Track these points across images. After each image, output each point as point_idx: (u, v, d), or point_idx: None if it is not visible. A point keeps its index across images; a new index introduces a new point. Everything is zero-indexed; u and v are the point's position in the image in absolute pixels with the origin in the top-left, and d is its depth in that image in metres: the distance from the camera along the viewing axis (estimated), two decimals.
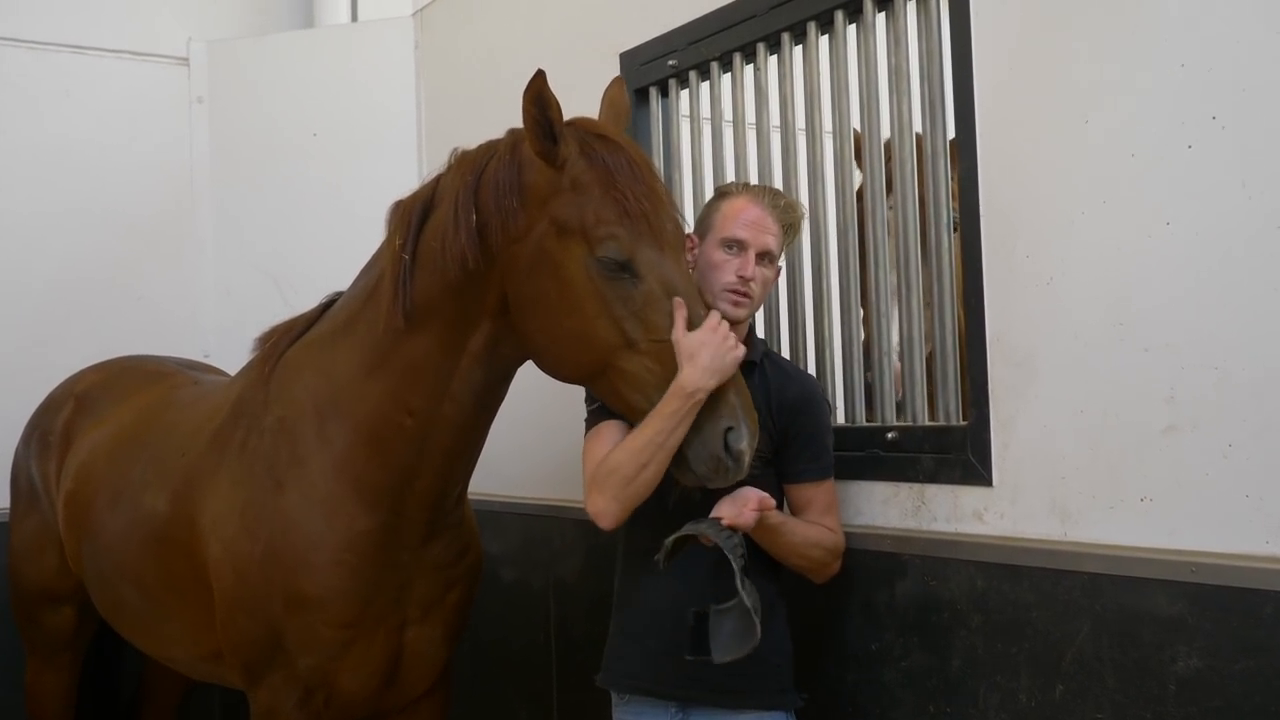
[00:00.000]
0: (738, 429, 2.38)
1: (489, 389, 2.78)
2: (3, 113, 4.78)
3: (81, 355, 4.31)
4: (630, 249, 2.44)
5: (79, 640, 4.04)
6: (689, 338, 2.39)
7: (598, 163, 2.51)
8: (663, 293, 2.44)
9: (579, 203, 2.49)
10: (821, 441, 2.73)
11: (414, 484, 2.83)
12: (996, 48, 2.54)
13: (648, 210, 2.46)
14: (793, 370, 2.85)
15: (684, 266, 2.54)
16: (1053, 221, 2.42)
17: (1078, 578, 2.34)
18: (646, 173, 2.52)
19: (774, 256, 2.72)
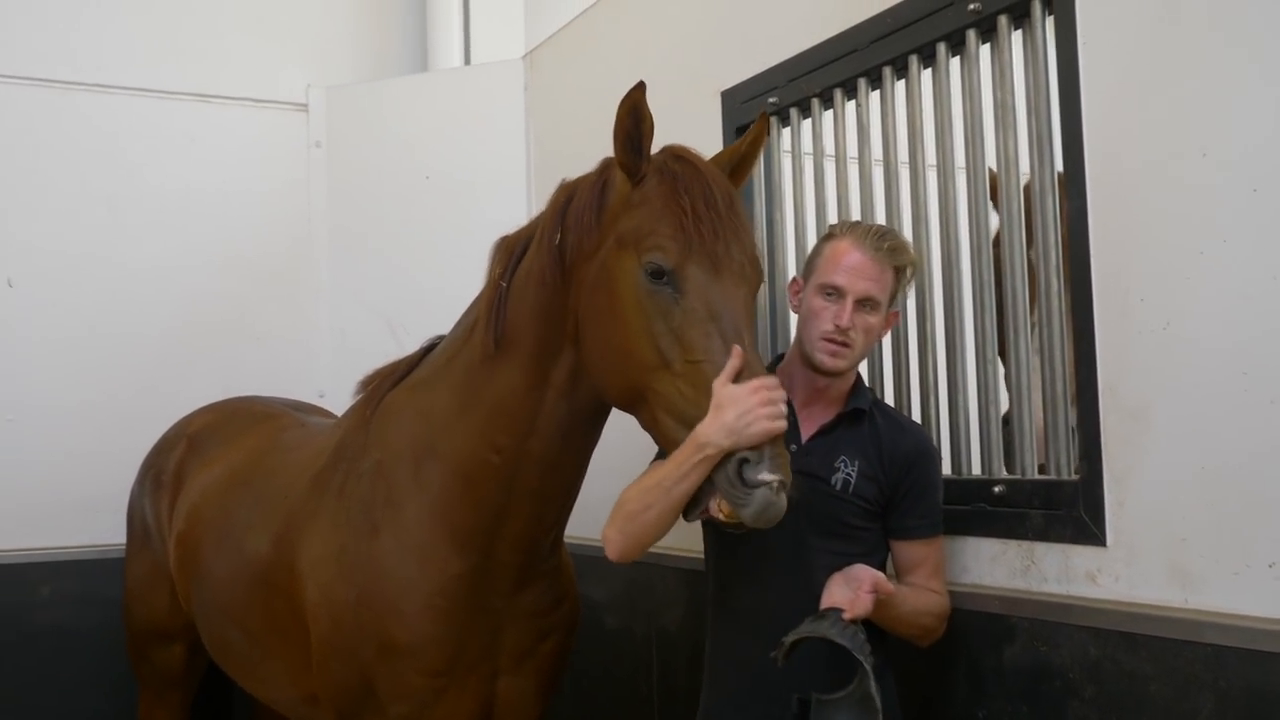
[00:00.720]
0: (756, 462, 2.21)
1: (575, 426, 2.69)
2: (130, 160, 4.93)
3: (200, 396, 4.41)
4: (677, 261, 2.35)
5: (189, 678, 4.10)
6: (727, 389, 2.24)
7: (668, 178, 2.44)
8: (706, 314, 2.33)
9: (641, 214, 2.43)
10: (933, 497, 2.61)
11: (504, 526, 2.77)
12: (1106, 78, 2.39)
13: (705, 228, 2.36)
14: (905, 422, 2.73)
15: (742, 301, 2.39)
16: (1169, 262, 2.25)
17: (1200, 649, 2.15)
18: (719, 195, 2.42)
19: (877, 303, 2.57)
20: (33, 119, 4.75)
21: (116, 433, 4.63)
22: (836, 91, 3.21)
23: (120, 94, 4.93)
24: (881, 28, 3.00)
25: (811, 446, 2.62)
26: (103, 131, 4.88)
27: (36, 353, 4.66)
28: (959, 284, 2.87)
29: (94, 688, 4.54)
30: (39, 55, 4.79)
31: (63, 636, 4.53)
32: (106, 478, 4.53)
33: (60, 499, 4.62)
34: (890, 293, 2.61)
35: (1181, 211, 2.23)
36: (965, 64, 2.81)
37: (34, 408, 4.63)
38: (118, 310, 4.82)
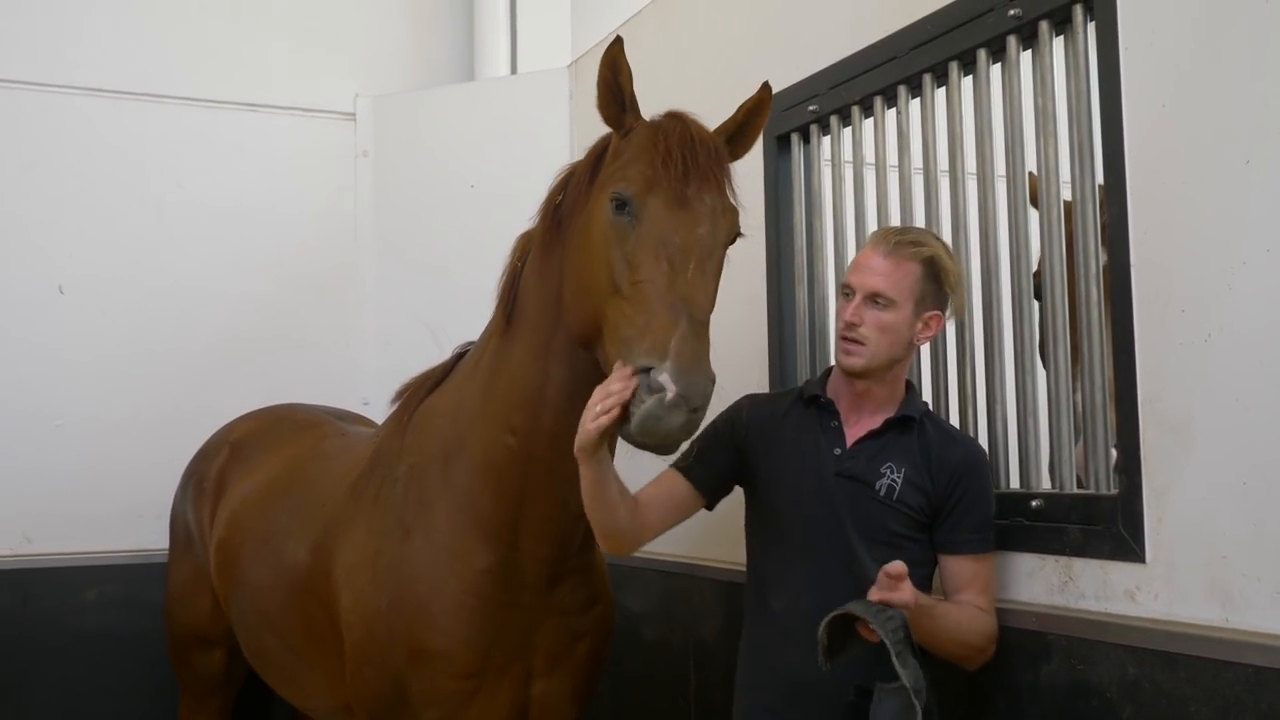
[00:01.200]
0: (659, 368, 2.19)
1: (580, 392, 2.57)
2: (178, 169, 4.99)
3: (245, 403, 4.43)
4: (637, 191, 2.40)
5: (229, 684, 4.12)
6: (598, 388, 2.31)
7: (652, 128, 2.51)
8: (657, 241, 2.36)
9: (621, 160, 2.49)
10: (983, 512, 2.56)
11: (527, 512, 2.77)
12: (1147, 86, 2.34)
13: (674, 168, 2.39)
14: (957, 433, 2.69)
15: (701, 237, 2.39)
16: (1211, 273, 2.19)
17: (1241, 670, 2.08)
18: (698, 144, 2.45)
19: (888, 299, 2.54)
20: (83, 128, 4.83)
21: (162, 439, 4.69)
22: (877, 99, 3.17)
23: (169, 103, 4.99)
24: (922, 34, 2.97)
25: (857, 450, 2.60)
26: (151, 140, 4.94)
27: (85, 359, 4.73)
28: (998, 293, 2.82)
29: (137, 691, 4.59)
30: (91, 65, 4.86)
31: (107, 640, 4.58)
32: (152, 483, 4.58)
33: (106, 503, 4.68)
34: (914, 291, 2.55)
35: (1223, 221, 2.18)
36: (1006, 70, 2.77)
37: (81, 413, 4.69)
38: (165, 318, 4.88)
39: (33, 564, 4.55)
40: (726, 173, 2.53)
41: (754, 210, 3.57)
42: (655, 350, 2.23)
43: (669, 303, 2.29)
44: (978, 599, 2.52)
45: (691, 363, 2.21)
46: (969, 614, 2.50)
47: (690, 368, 2.20)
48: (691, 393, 2.19)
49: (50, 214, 4.74)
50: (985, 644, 2.51)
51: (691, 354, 2.22)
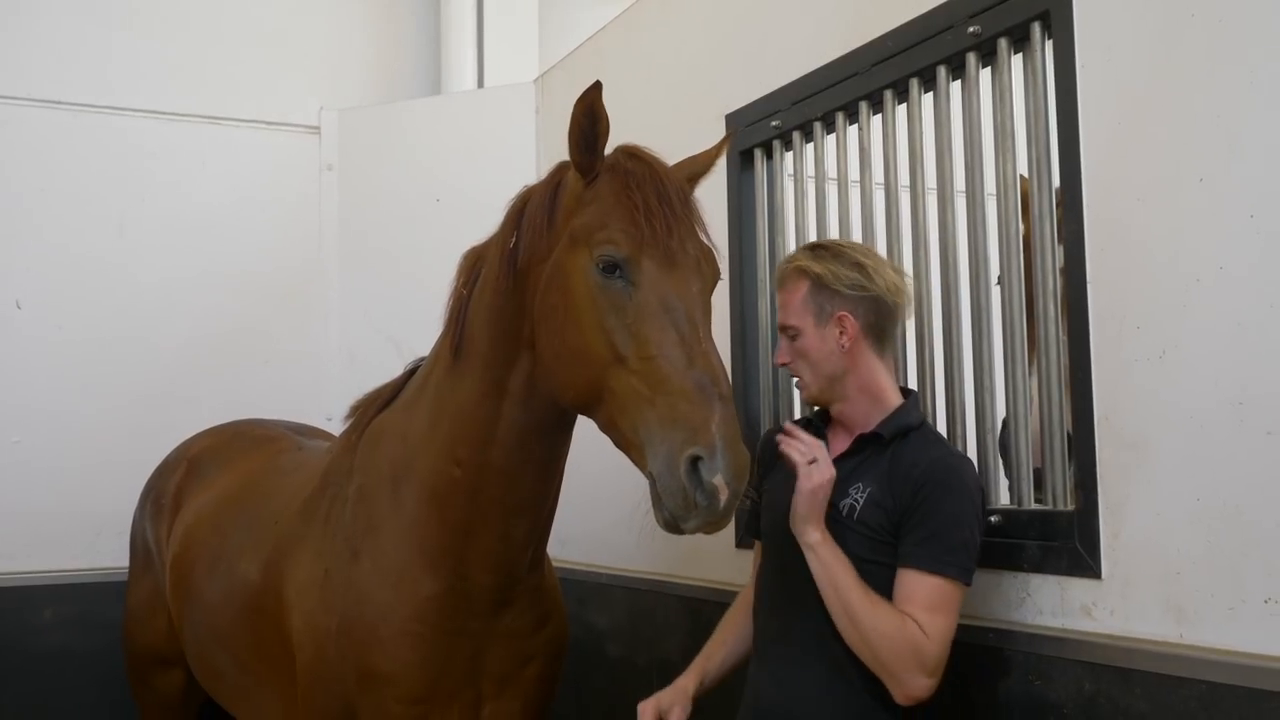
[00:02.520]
0: (710, 460, 2.12)
1: (533, 435, 2.63)
2: (142, 182, 4.96)
3: (209, 418, 4.39)
4: (629, 254, 2.32)
5: (189, 704, 4.07)
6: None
7: (620, 174, 2.42)
8: (660, 308, 2.29)
9: (593, 210, 2.40)
10: (935, 527, 2.34)
11: (473, 544, 2.72)
12: (1103, 103, 2.35)
13: (658, 222, 2.33)
14: (939, 447, 2.49)
15: (696, 295, 2.35)
16: (1165, 290, 2.20)
17: (1195, 686, 2.09)
18: (672, 191, 2.40)
19: (792, 328, 2.56)
20: (45, 140, 4.79)
21: (123, 455, 4.63)
22: (839, 115, 3.18)
23: (132, 116, 4.96)
24: (883, 51, 2.98)
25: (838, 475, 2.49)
26: (114, 153, 4.91)
27: (45, 375, 4.68)
28: (958, 309, 2.83)
29: (95, 711, 4.55)
30: (52, 77, 4.83)
31: (65, 659, 4.53)
32: (111, 500, 4.54)
33: (65, 521, 4.64)
34: (806, 308, 2.54)
35: (1178, 238, 2.19)
36: (966, 87, 2.78)
37: (41, 430, 4.65)
38: (127, 332, 4.84)
39: None
40: (699, 215, 2.48)
41: (717, 225, 3.58)
42: (698, 438, 2.14)
43: (694, 381, 2.21)
44: (917, 614, 2.30)
45: (739, 454, 2.15)
46: (886, 610, 2.31)
47: (739, 460, 2.14)
48: (741, 487, 2.15)
49: (7, 228, 4.70)
50: (902, 654, 2.27)
51: (735, 442, 2.15)
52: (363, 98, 5.53)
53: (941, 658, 2.30)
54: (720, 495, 2.12)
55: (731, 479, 2.12)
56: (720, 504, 2.13)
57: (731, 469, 2.13)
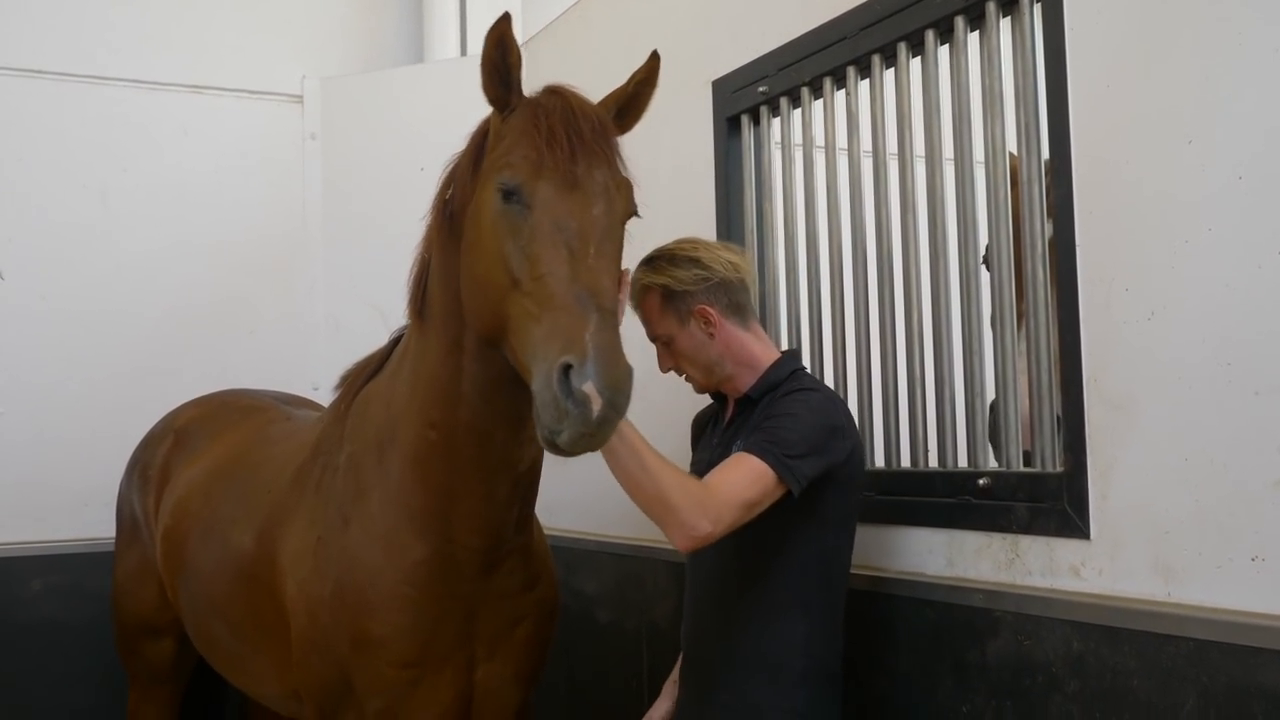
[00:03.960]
0: (580, 367, 2.07)
1: (496, 388, 2.56)
2: (124, 151, 4.91)
3: (193, 388, 4.38)
4: (525, 178, 2.30)
5: (179, 673, 4.08)
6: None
7: (531, 106, 2.40)
8: (552, 228, 2.26)
9: (504, 144, 2.39)
10: (765, 428, 2.52)
11: (456, 505, 2.70)
12: (1092, 66, 2.36)
13: (560, 149, 2.29)
14: (801, 388, 2.64)
15: (597, 219, 2.30)
16: (1154, 251, 2.22)
17: (1183, 643, 2.12)
18: (583, 121, 2.36)
19: (662, 336, 2.73)
20: (25, 110, 4.74)
21: (108, 425, 4.62)
22: (826, 80, 3.17)
23: (114, 85, 4.91)
24: (870, 15, 2.97)
25: (724, 438, 2.74)
26: (96, 123, 4.86)
27: (27, 345, 4.65)
28: (946, 274, 2.84)
29: (84, 682, 4.55)
30: (32, 46, 4.77)
31: (53, 630, 4.53)
32: (97, 471, 4.53)
33: (51, 492, 4.62)
34: (667, 316, 2.70)
35: (1166, 201, 2.20)
36: (954, 51, 2.78)
37: (24, 400, 4.62)
38: (110, 302, 4.81)
39: None
40: (615, 147, 2.43)
41: (704, 193, 3.59)
42: (572, 347, 2.11)
43: (575, 294, 2.18)
44: (713, 475, 2.48)
45: (612, 362, 2.09)
46: (675, 466, 2.43)
47: (612, 368, 2.09)
48: (619, 398, 2.09)
49: None
50: (687, 499, 2.38)
51: (609, 350, 2.11)
52: (346, 66, 5.49)
53: (723, 510, 2.40)
54: (592, 404, 2.06)
55: (604, 387, 2.07)
56: (593, 413, 2.06)
57: (603, 376, 2.07)
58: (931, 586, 2.67)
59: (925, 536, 2.73)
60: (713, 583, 2.75)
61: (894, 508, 2.84)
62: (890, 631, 2.76)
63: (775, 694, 2.58)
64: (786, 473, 2.45)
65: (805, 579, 2.60)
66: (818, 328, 3.26)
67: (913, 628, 2.71)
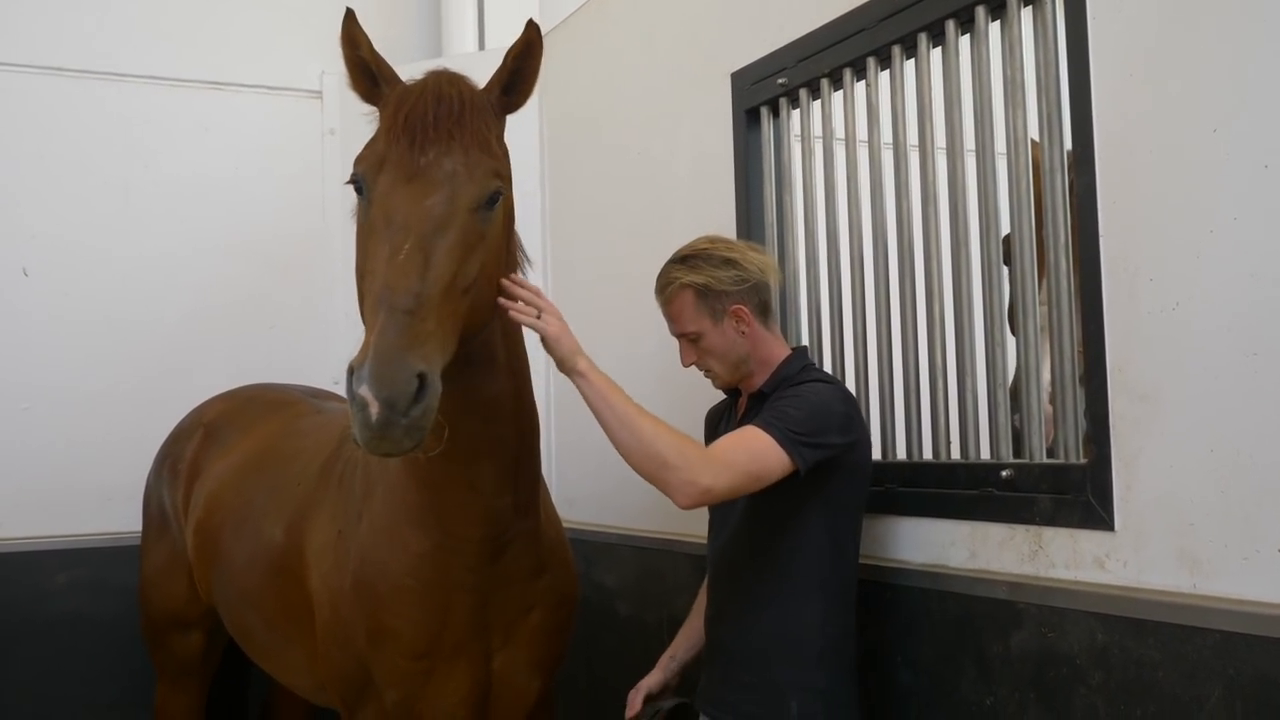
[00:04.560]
0: (359, 370, 2.05)
1: (449, 375, 2.43)
2: (144, 148, 4.94)
3: (214, 383, 4.43)
4: (366, 170, 2.32)
5: (206, 665, 4.12)
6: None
7: (394, 96, 2.41)
8: (382, 223, 2.26)
9: (371, 136, 2.41)
10: (774, 408, 2.60)
11: (445, 497, 2.69)
12: (1115, 55, 2.34)
13: (404, 139, 2.29)
14: (809, 380, 2.71)
15: (430, 207, 2.27)
16: (1179, 241, 2.20)
17: (1209, 635, 2.10)
18: (431, 106, 2.34)
19: (692, 333, 2.77)
20: (46, 108, 4.77)
21: (131, 421, 4.66)
22: (846, 71, 3.16)
23: (134, 82, 4.93)
24: (890, 6, 2.96)
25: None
26: (116, 120, 4.89)
27: (51, 341, 4.68)
28: (968, 265, 2.83)
29: (109, 675, 4.58)
30: (53, 44, 4.80)
31: (78, 624, 4.56)
32: (121, 465, 4.57)
33: (75, 487, 4.65)
34: (702, 309, 2.75)
35: (1191, 190, 2.18)
36: (974, 41, 2.76)
37: (49, 396, 4.65)
38: (132, 298, 4.84)
39: (2, 548, 4.51)
40: (471, 129, 2.37)
41: (723, 186, 3.58)
42: (361, 350, 2.11)
43: (375, 293, 2.18)
44: (721, 440, 2.58)
45: (384, 363, 2.05)
46: (667, 425, 2.48)
47: (383, 369, 2.05)
48: (393, 397, 2.04)
49: (12, 195, 4.69)
50: (683, 458, 2.43)
51: (385, 351, 2.07)
52: None
53: (724, 470, 2.47)
54: (369, 408, 2.04)
55: (376, 390, 2.03)
56: (371, 416, 2.04)
57: (374, 379, 2.04)
58: (954, 579, 2.66)
59: (948, 528, 2.72)
60: (731, 567, 2.79)
61: (916, 500, 2.83)
62: (913, 624, 2.75)
63: (796, 673, 2.63)
64: (792, 448, 2.51)
65: (821, 561, 2.66)
66: (838, 320, 3.26)
67: (935, 620, 2.70)
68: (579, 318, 4.27)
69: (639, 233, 4.15)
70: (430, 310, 2.18)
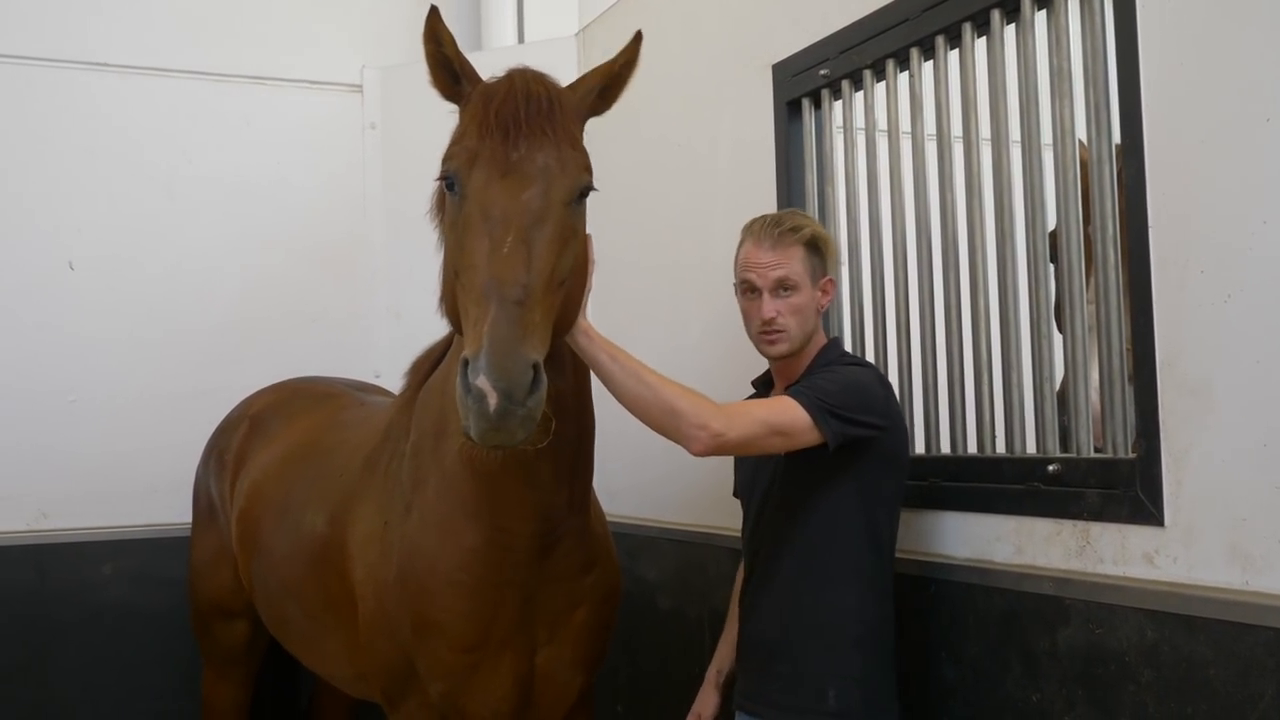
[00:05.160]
0: (475, 361, 2.08)
1: None
2: (188, 143, 4.97)
3: (257, 378, 4.45)
4: (459, 166, 2.32)
5: (252, 654, 4.15)
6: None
7: (480, 93, 2.41)
8: (480, 217, 2.26)
9: (455, 134, 2.43)
10: (806, 384, 2.63)
11: (502, 493, 2.70)
12: (1165, 43, 2.30)
13: (496, 133, 2.29)
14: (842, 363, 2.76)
15: (528, 200, 2.27)
16: (1230, 233, 2.17)
17: (1262, 633, 2.07)
18: (522, 101, 2.34)
19: (792, 283, 2.73)
20: (92, 103, 4.80)
21: (175, 413, 4.71)
22: (889, 62, 3.14)
23: (176, 77, 4.97)
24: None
25: None
26: (160, 115, 4.92)
27: (96, 335, 4.72)
28: (1014, 259, 2.80)
29: (155, 665, 4.62)
30: (96, 40, 4.83)
31: (124, 614, 4.61)
32: (166, 457, 4.61)
33: (121, 479, 4.69)
34: (807, 270, 2.74)
35: (1243, 181, 2.15)
36: (1020, 31, 2.73)
37: (95, 389, 4.70)
38: (175, 292, 4.87)
39: (50, 540, 4.57)
40: (562, 126, 2.38)
41: (765, 177, 3.56)
42: (472, 342, 2.14)
43: (483, 286, 2.18)
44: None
45: (502, 354, 2.08)
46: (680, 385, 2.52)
47: (501, 360, 2.08)
48: (514, 389, 2.07)
49: (59, 190, 4.73)
50: (694, 406, 2.47)
51: (501, 342, 2.10)
52: (405, 55, 5.49)
53: (739, 419, 2.51)
54: (488, 398, 2.06)
55: (495, 380, 2.06)
56: (490, 407, 2.06)
57: (494, 370, 2.06)
58: (1000, 574, 2.64)
59: (994, 523, 2.69)
60: (767, 557, 2.78)
61: (961, 494, 2.81)
62: (959, 619, 2.74)
63: (833, 662, 2.62)
64: (820, 417, 2.52)
65: (856, 549, 2.66)
66: (881, 312, 3.24)
67: (981, 615, 2.68)
68: (619, 308, 4.29)
69: (680, 224, 4.14)
70: (536, 302, 2.21)
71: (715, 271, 3.88)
